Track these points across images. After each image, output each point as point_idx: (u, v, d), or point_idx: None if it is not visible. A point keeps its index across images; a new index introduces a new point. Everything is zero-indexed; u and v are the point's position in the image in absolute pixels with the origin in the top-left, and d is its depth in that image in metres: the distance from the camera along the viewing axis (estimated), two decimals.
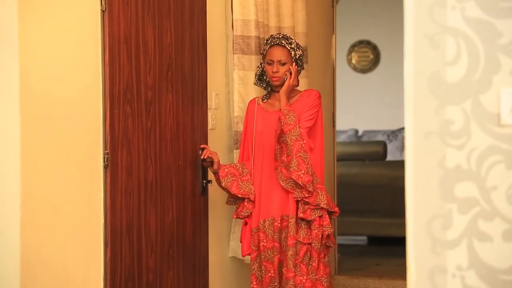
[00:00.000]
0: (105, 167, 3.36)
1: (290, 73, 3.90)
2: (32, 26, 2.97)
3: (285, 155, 3.80)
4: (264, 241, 3.88)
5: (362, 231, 7.17)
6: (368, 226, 7.03)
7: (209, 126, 4.22)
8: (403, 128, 9.01)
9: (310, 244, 3.82)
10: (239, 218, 4.01)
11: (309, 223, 3.83)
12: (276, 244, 3.86)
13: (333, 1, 5.74)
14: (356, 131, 10.12)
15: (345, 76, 10.00)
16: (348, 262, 6.26)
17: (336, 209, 3.93)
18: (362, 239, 7.65)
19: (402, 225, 2.37)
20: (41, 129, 3.01)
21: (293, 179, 3.77)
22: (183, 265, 3.85)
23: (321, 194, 3.83)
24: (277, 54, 3.91)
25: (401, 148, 9.64)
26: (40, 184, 3.01)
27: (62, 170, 3.13)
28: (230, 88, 4.35)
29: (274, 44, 3.93)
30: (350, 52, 10.70)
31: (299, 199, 3.81)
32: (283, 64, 3.91)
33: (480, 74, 2.02)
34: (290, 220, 3.83)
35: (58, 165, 3.11)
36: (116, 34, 3.41)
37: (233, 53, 4.29)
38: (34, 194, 2.97)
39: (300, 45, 3.99)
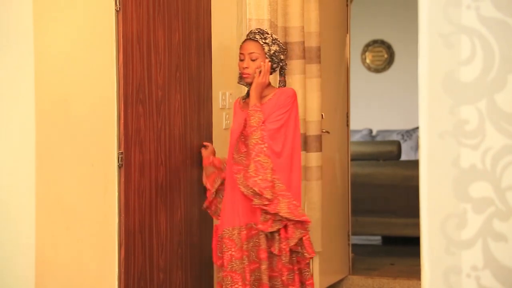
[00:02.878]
0: (119, 166, 3.36)
1: (260, 70, 3.60)
2: (47, 26, 2.98)
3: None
4: (233, 250, 3.57)
5: (376, 231, 7.15)
6: (382, 226, 7.01)
7: (223, 126, 4.22)
8: (417, 128, 8.97)
9: (280, 257, 3.52)
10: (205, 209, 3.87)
11: (279, 234, 3.52)
12: (246, 253, 3.55)
13: (347, 1, 5.73)
14: (370, 131, 10.10)
15: (359, 76, 9.99)
16: (362, 262, 6.24)
17: (304, 218, 3.53)
18: (376, 239, 7.63)
19: (416, 225, 2.35)
20: (56, 128, 3.02)
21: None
22: (191, 264, 3.86)
23: (282, 202, 3.47)
24: (248, 48, 3.62)
25: (416, 147, 9.61)
26: (55, 184, 3.02)
27: (77, 169, 3.14)
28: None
29: (246, 39, 3.67)
30: (364, 51, 10.68)
31: (257, 206, 3.48)
32: (254, 59, 3.61)
33: (495, 73, 2.00)
34: (260, 231, 3.53)
35: (73, 165, 3.12)
36: (129, 34, 3.42)
37: None
38: (49, 194, 2.98)
39: (278, 41, 3.67)
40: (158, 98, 3.64)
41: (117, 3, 3.36)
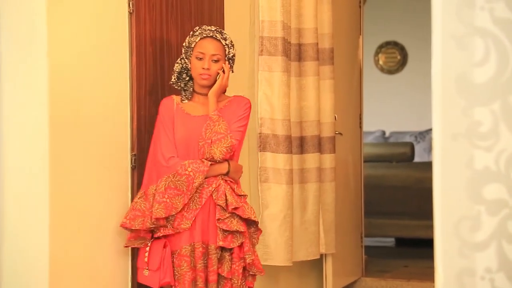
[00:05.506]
0: (133, 168, 3.37)
1: (223, 71, 3.35)
2: (60, 28, 3.00)
3: None
4: (186, 268, 3.23)
5: (389, 232, 7.14)
6: (395, 227, 7.00)
7: None
8: (430, 130, 8.96)
9: (231, 280, 3.26)
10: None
11: (231, 253, 3.27)
12: (199, 273, 3.24)
13: (360, 2, 5.72)
14: (384, 132, 10.08)
15: (372, 77, 9.97)
16: (375, 264, 6.22)
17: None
18: (389, 241, 7.61)
19: (430, 227, 2.35)
20: (69, 130, 3.03)
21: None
22: None
23: (248, 208, 3.29)
24: (211, 48, 3.32)
25: (429, 149, 9.58)
26: (69, 186, 3.03)
27: (90, 171, 3.15)
28: (255, 89, 4.34)
29: (207, 36, 3.34)
30: (377, 53, 10.66)
31: (230, 212, 3.24)
32: (216, 61, 3.34)
33: (509, 75, 2.00)
34: (210, 250, 3.25)
35: (86, 167, 3.13)
36: (142, 36, 3.43)
37: (259, 55, 4.27)
38: (62, 196, 2.99)
39: (233, 44, 3.42)
40: None
41: (130, 5, 3.37)
